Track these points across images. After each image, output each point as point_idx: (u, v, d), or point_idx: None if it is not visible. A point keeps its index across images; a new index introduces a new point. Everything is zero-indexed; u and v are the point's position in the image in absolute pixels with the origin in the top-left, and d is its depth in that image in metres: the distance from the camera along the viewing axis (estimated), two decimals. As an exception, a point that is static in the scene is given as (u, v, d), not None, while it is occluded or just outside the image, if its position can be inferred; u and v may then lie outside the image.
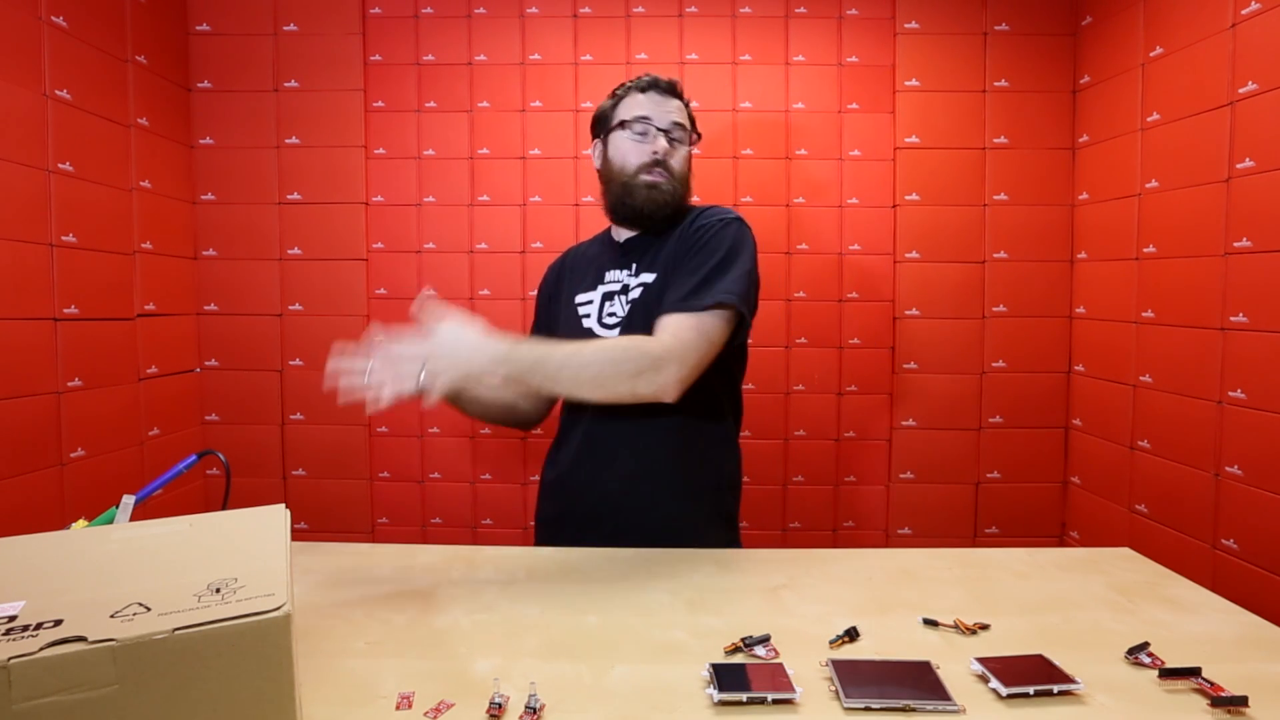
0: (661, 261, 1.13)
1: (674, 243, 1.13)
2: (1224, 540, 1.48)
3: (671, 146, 1.14)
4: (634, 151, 1.13)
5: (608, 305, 1.15)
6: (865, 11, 2.05)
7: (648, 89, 1.14)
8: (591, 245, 1.29)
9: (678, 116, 1.15)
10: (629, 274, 1.16)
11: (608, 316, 1.14)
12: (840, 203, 2.07)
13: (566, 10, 2.05)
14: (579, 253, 1.30)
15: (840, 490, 2.11)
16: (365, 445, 2.10)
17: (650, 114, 1.13)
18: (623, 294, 1.15)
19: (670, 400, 0.98)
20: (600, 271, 1.19)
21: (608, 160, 1.17)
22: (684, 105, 1.17)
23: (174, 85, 1.97)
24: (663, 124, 1.13)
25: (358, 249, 2.08)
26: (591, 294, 1.18)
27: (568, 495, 1.18)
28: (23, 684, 0.42)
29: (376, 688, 0.68)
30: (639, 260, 1.16)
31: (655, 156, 1.12)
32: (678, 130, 1.15)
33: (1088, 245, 1.97)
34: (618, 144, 1.15)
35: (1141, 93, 1.74)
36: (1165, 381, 1.66)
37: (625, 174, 1.14)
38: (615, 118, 1.16)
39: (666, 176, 1.13)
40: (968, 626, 0.80)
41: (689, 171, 1.18)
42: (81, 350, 1.61)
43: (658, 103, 1.14)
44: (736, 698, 0.65)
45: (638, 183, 1.12)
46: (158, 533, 0.62)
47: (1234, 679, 0.68)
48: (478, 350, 0.92)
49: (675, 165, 1.14)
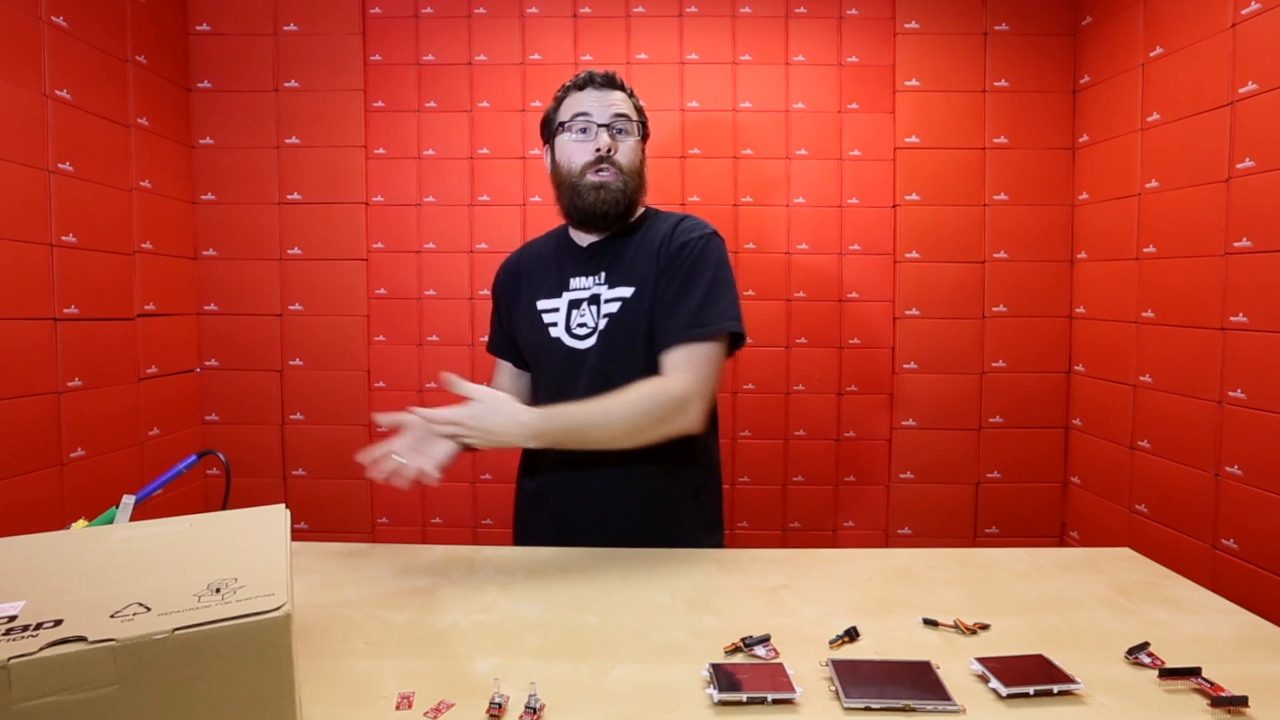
0: (639, 275, 1.09)
1: (650, 256, 1.09)
2: (1224, 540, 1.48)
3: (615, 140, 1.09)
4: (578, 151, 1.09)
5: (575, 314, 1.12)
6: (865, 11, 2.05)
7: (584, 85, 1.11)
8: (546, 244, 1.22)
9: (620, 108, 1.10)
10: (597, 282, 1.12)
11: (578, 327, 1.11)
12: (840, 203, 2.07)
13: (566, 10, 2.05)
14: (534, 251, 1.23)
15: (840, 490, 2.11)
16: (365, 445, 2.09)
17: (589, 110, 1.09)
18: (592, 304, 1.11)
19: (698, 432, 1.04)
20: (563, 276, 1.14)
21: (555, 164, 1.14)
22: (628, 96, 1.13)
23: (174, 85, 1.97)
24: (603, 118, 1.09)
25: (358, 249, 2.08)
26: (555, 301, 1.14)
27: (551, 501, 1.16)
28: (23, 684, 0.42)
29: (376, 688, 0.68)
30: (608, 269, 1.11)
31: (599, 153, 1.07)
32: (621, 121, 1.10)
33: (1088, 245, 1.97)
34: (563, 146, 1.12)
35: (1141, 93, 1.74)
36: (1165, 381, 1.66)
37: (572, 175, 1.10)
38: (557, 119, 1.13)
39: (615, 173, 1.08)
40: (968, 626, 0.80)
41: (641, 164, 1.13)
42: (81, 350, 1.61)
43: (597, 98, 1.10)
44: (736, 698, 0.65)
45: (585, 183, 1.08)
46: (158, 533, 0.62)
47: (1234, 679, 0.68)
48: (512, 425, 0.94)
49: (622, 160, 1.09)
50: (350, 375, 2.09)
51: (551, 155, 1.16)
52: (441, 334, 2.10)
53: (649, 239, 1.12)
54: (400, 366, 2.10)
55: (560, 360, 1.12)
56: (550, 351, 1.13)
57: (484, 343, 2.09)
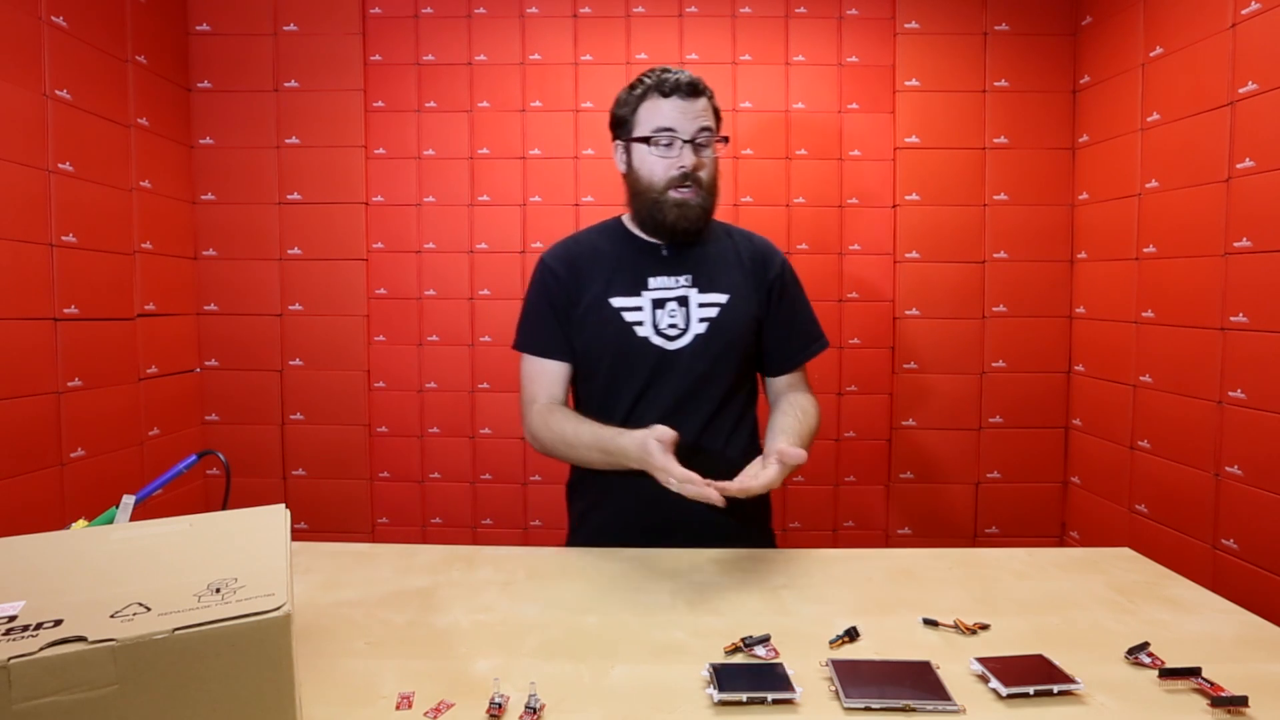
0: (728, 282, 1.13)
1: (735, 266, 1.14)
2: (1224, 540, 1.48)
3: (699, 156, 1.08)
4: (660, 166, 1.07)
5: (661, 314, 1.11)
6: (865, 11, 2.05)
7: (670, 94, 1.06)
8: (602, 240, 1.18)
9: (704, 119, 1.08)
10: (684, 284, 1.12)
11: (668, 328, 1.10)
12: (840, 203, 2.07)
13: (566, 10, 2.05)
14: (589, 247, 1.17)
15: (840, 490, 2.10)
16: (365, 445, 2.10)
17: (674, 124, 1.06)
18: (681, 305, 1.11)
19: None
20: (640, 275, 1.12)
21: (633, 170, 1.12)
22: (709, 101, 1.10)
23: (174, 85, 1.97)
24: (688, 134, 1.06)
25: (358, 249, 2.08)
26: (636, 299, 1.11)
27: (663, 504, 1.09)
28: (23, 684, 0.42)
29: (376, 688, 0.68)
30: (694, 273, 1.12)
31: (683, 170, 1.06)
32: (704, 135, 1.08)
33: (1088, 245, 1.97)
34: (643, 157, 1.09)
35: (1141, 93, 1.74)
36: (1165, 381, 1.66)
37: (654, 190, 1.08)
38: (636, 125, 1.10)
39: (696, 190, 1.08)
40: (968, 626, 0.80)
41: (717, 175, 1.12)
42: (81, 350, 1.61)
43: (682, 109, 1.06)
44: (736, 698, 0.65)
45: (667, 200, 1.07)
46: (158, 533, 0.62)
47: (1234, 679, 0.68)
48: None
49: (705, 176, 1.09)
50: (350, 375, 2.09)
51: (627, 159, 1.13)
52: (441, 334, 2.10)
53: (725, 247, 1.16)
54: (400, 366, 2.10)
55: (648, 360, 1.10)
56: (637, 351, 1.10)
57: (485, 342, 2.11)
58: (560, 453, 1.11)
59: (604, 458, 1.03)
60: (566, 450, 1.09)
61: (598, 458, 1.04)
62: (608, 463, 1.03)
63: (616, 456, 1.00)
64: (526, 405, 1.15)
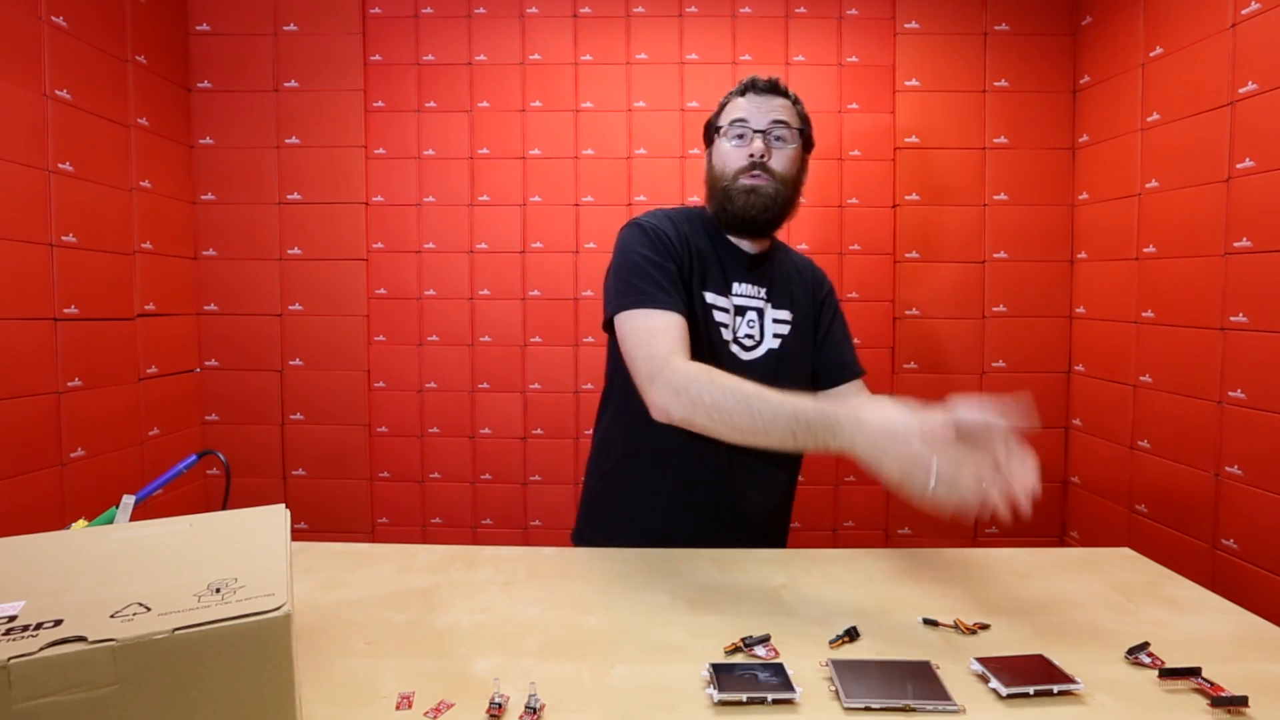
0: (792, 299, 1.15)
1: (798, 285, 1.17)
2: (1224, 540, 1.48)
3: (771, 146, 1.08)
4: (732, 156, 1.09)
5: (740, 322, 1.11)
6: (865, 11, 2.05)
7: (746, 90, 1.11)
8: (695, 231, 1.12)
9: (781, 115, 1.08)
10: (760, 296, 1.13)
11: (744, 338, 1.11)
12: (840, 203, 2.07)
13: (566, 10, 2.05)
14: (688, 227, 1.12)
15: (840, 490, 2.10)
16: (365, 445, 2.10)
17: (747, 115, 1.08)
18: (758, 317, 1.13)
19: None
20: (727, 277, 1.12)
21: (711, 167, 1.14)
22: (791, 103, 1.11)
23: (174, 85, 1.97)
24: (760, 124, 1.08)
25: (358, 249, 2.08)
26: (724, 300, 1.11)
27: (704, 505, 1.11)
28: (23, 684, 0.42)
29: (376, 688, 0.68)
30: (769, 286, 1.14)
31: (752, 159, 1.07)
32: (779, 129, 1.08)
33: (1088, 245, 1.97)
34: (719, 151, 1.12)
35: (1141, 93, 1.74)
36: (1165, 381, 1.66)
37: (725, 179, 1.10)
38: (716, 124, 1.14)
39: (767, 177, 1.07)
40: (968, 626, 0.80)
41: (798, 173, 1.11)
42: (81, 350, 1.61)
43: (757, 103, 1.09)
44: (736, 698, 0.65)
45: (736, 187, 1.08)
46: (158, 533, 0.62)
47: (1234, 679, 0.68)
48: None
49: (776, 166, 1.08)
50: (350, 375, 2.09)
51: (709, 160, 1.16)
52: (441, 334, 2.10)
53: (790, 266, 1.19)
54: (400, 366, 2.10)
55: (724, 364, 1.06)
56: (719, 352, 1.08)
57: (485, 342, 2.11)
58: (723, 411, 0.86)
59: (791, 427, 0.82)
60: (738, 407, 0.85)
61: (780, 426, 0.83)
62: (788, 437, 0.83)
63: (819, 431, 0.81)
64: (663, 359, 0.94)
